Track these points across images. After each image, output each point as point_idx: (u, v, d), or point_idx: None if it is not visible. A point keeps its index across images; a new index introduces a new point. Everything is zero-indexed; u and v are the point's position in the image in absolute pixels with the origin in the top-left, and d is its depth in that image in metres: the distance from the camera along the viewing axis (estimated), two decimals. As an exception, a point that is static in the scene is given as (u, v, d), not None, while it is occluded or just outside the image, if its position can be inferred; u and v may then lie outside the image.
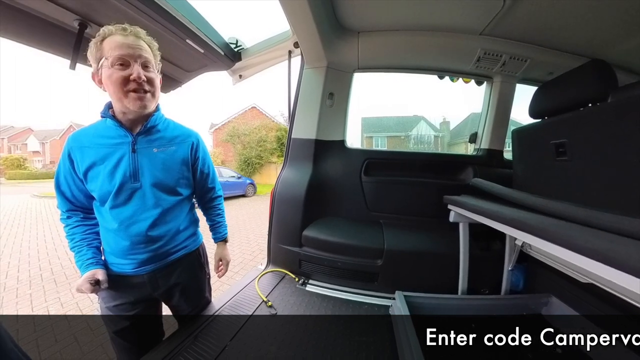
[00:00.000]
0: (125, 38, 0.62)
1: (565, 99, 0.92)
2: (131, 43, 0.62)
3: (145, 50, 0.65)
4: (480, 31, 1.12)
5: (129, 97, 0.63)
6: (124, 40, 0.62)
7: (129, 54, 0.62)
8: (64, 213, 0.73)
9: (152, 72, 0.67)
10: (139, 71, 0.62)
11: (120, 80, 0.62)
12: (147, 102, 0.66)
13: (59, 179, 0.70)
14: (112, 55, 0.61)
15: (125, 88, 0.63)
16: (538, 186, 1.03)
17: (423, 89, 29.61)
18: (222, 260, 0.96)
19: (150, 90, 0.66)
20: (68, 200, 0.71)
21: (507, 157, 1.50)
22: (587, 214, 0.58)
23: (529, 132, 1.10)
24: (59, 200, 0.72)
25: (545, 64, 1.26)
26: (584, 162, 0.83)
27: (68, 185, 0.70)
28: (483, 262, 1.16)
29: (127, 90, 0.63)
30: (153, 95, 0.68)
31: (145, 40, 0.66)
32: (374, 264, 1.20)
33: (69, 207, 0.72)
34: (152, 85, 0.67)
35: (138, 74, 0.62)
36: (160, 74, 0.73)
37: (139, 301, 0.76)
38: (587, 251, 0.47)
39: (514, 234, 0.74)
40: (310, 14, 0.90)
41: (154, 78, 0.67)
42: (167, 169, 0.74)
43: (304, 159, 1.38)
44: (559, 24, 1.03)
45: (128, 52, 0.62)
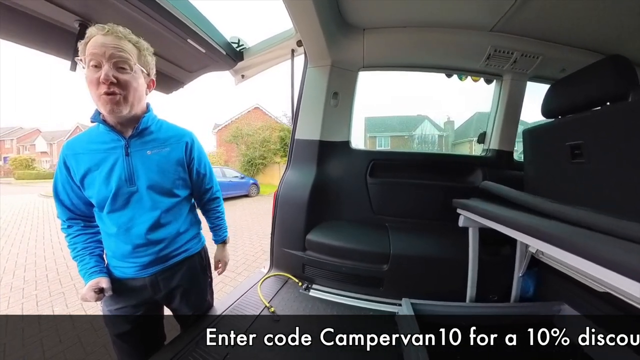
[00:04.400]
0: (104, 37, 0.59)
1: (580, 97, 0.87)
2: (106, 42, 0.59)
3: (121, 49, 0.60)
4: (491, 27, 1.08)
5: (101, 100, 0.60)
6: (101, 39, 0.59)
7: (100, 52, 0.58)
8: (64, 222, 0.72)
9: (127, 74, 0.61)
10: (107, 72, 0.58)
11: (93, 82, 0.59)
12: (117, 105, 0.61)
13: (57, 188, 0.70)
14: (88, 56, 0.58)
15: (97, 90, 0.59)
16: (551, 189, 0.99)
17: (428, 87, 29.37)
18: (221, 262, 0.97)
19: (121, 93, 0.61)
20: (68, 208, 0.71)
21: (516, 158, 1.46)
22: (610, 222, 0.54)
23: (541, 132, 1.05)
24: (59, 209, 0.71)
25: (558, 60, 1.21)
26: (602, 164, 0.79)
27: (67, 193, 0.69)
28: (492, 267, 1.12)
29: (99, 94, 0.60)
30: (125, 98, 0.62)
31: (129, 39, 0.63)
32: (379, 269, 1.16)
33: (69, 216, 0.72)
34: (124, 88, 0.61)
35: (105, 75, 0.58)
36: (150, 75, 0.70)
37: (141, 304, 0.76)
38: (612, 264, 0.44)
39: (529, 242, 0.70)
40: (314, 11, 0.87)
41: (128, 80, 0.62)
42: (163, 170, 0.72)
43: (308, 160, 1.35)
44: (573, 18, 0.99)
45: (100, 51, 0.58)
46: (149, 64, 0.69)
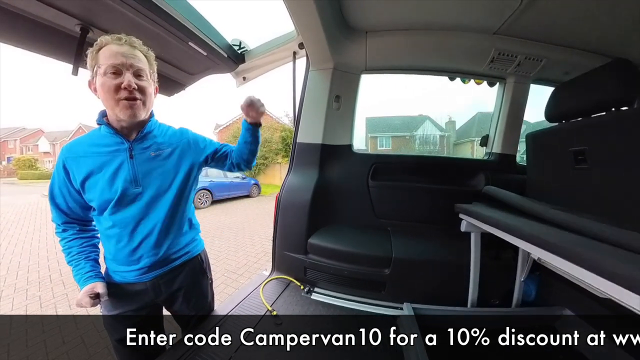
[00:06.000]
0: (120, 47, 0.62)
1: (584, 102, 0.86)
2: (125, 52, 0.62)
3: (138, 59, 0.65)
4: (495, 30, 1.07)
5: (120, 105, 0.63)
6: (118, 49, 0.62)
7: (121, 62, 0.62)
8: (59, 226, 0.72)
9: (145, 81, 0.66)
10: (130, 79, 0.62)
11: (112, 88, 0.61)
12: (137, 110, 0.65)
13: (53, 191, 0.69)
14: (105, 64, 0.61)
15: (117, 96, 0.62)
16: (554, 194, 0.98)
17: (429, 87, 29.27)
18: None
19: (142, 98, 0.65)
20: (63, 212, 0.71)
21: (519, 162, 1.45)
22: (613, 233, 0.53)
23: (544, 136, 1.04)
24: (54, 213, 0.71)
25: (562, 63, 1.20)
26: (606, 171, 0.78)
27: (63, 197, 0.69)
28: (493, 271, 1.11)
29: (119, 99, 0.62)
30: (144, 103, 0.67)
31: (141, 49, 0.66)
32: (381, 273, 1.16)
33: (64, 220, 0.71)
34: (144, 94, 0.66)
35: (129, 82, 0.62)
36: (156, 83, 0.72)
37: (142, 308, 0.75)
38: (614, 276, 0.44)
39: (531, 250, 0.70)
40: (316, 14, 0.87)
41: (146, 87, 0.66)
42: (166, 172, 0.73)
43: (310, 164, 1.35)
44: (577, 21, 0.98)
45: (121, 61, 0.61)
46: (155, 73, 0.72)
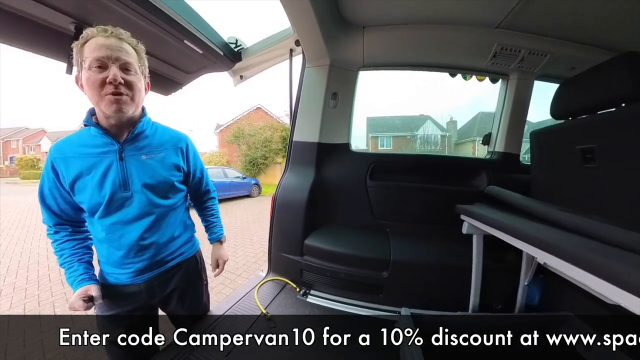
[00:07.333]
0: (106, 39, 0.59)
1: (592, 97, 0.82)
2: (111, 44, 0.59)
3: (126, 52, 0.61)
4: (497, 24, 1.04)
5: (105, 100, 0.60)
6: (104, 41, 0.59)
7: (106, 55, 0.58)
8: (50, 228, 0.70)
9: (133, 75, 0.63)
10: (116, 73, 0.59)
11: (97, 83, 0.58)
12: (124, 105, 0.62)
13: (43, 192, 0.67)
14: (89, 57, 0.58)
15: (102, 91, 0.59)
16: (560, 195, 0.94)
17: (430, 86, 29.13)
18: (219, 260, 0.94)
19: (128, 93, 0.62)
20: (54, 213, 0.68)
21: (523, 161, 1.41)
22: (624, 236, 0.50)
23: (550, 134, 1.00)
24: (45, 214, 0.69)
25: (567, 58, 1.16)
26: (616, 170, 0.74)
27: (54, 198, 0.67)
28: (496, 274, 1.07)
29: (104, 94, 0.59)
30: (132, 99, 0.63)
31: (129, 42, 0.63)
32: (379, 275, 1.13)
33: (56, 222, 0.69)
34: (131, 89, 0.63)
35: (114, 75, 0.58)
36: (147, 78, 0.70)
37: (135, 310, 0.74)
38: (625, 284, 0.41)
39: (536, 254, 0.66)
40: (311, 9, 0.84)
41: (134, 81, 0.63)
42: (157, 175, 0.71)
43: (306, 163, 1.32)
44: (583, 14, 0.94)
45: (106, 54, 0.58)
46: (146, 67, 0.69)
